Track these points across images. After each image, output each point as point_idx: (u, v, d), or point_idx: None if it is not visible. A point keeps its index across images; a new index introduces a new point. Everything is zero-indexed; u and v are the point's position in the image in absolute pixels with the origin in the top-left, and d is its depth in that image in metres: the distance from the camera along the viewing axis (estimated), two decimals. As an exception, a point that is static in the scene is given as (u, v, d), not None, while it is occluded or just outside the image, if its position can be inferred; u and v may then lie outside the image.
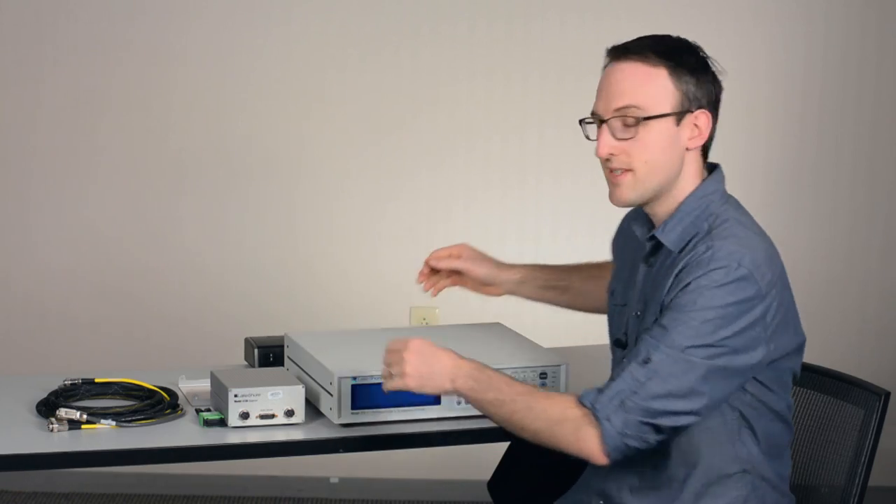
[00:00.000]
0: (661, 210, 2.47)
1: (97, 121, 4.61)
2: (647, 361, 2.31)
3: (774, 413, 2.45)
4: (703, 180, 2.47)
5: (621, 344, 2.55)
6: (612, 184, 2.44)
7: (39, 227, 4.65)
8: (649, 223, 2.52)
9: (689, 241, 2.41)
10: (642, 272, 2.51)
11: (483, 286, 2.96)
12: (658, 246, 2.48)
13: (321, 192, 4.66)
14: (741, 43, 4.61)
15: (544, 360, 2.77)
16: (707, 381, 2.31)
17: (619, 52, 2.41)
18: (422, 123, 4.63)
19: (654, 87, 2.37)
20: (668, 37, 2.44)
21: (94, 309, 4.67)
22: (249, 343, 3.10)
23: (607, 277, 2.75)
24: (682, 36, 2.49)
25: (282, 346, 3.01)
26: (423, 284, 2.95)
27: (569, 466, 2.69)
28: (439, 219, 4.65)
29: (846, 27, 4.60)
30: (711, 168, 2.52)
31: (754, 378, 2.40)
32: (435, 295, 2.95)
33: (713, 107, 2.43)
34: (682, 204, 2.44)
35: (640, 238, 2.53)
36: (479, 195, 4.65)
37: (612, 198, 2.45)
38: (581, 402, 2.35)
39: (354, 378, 2.65)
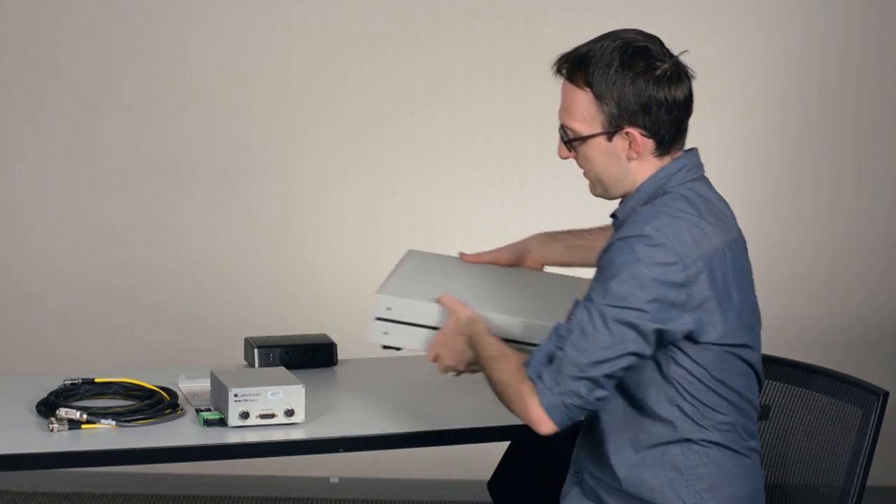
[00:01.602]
0: (626, 194, 2.57)
1: (97, 121, 4.61)
2: (569, 319, 2.43)
3: (719, 399, 2.48)
4: (665, 165, 2.52)
5: None
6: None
7: (39, 227, 4.65)
8: None
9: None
10: None
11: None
12: (621, 224, 2.56)
13: (321, 192, 4.66)
14: (741, 43, 4.61)
15: None
16: (624, 337, 2.38)
17: (557, 68, 2.53)
18: (422, 122, 4.63)
19: (581, 109, 2.50)
20: (606, 46, 2.50)
21: (95, 309, 4.67)
22: (249, 343, 3.10)
23: None
24: (644, 35, 2.54)
25: (282, 346, 3.02)
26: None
27: (568, 466, 2.70)
28: (439, 217, 4.66)
29: (846, 27, 4.60)
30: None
31: (693, 359, 2.44)
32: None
33: (648, 116, 2.47)
34: (641, 185, 2.52)
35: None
36: (478, 194, 4.66)
37: None
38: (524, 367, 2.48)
39: None
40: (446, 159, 4.64)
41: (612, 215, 2.57)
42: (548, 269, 3.01)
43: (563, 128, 2.54)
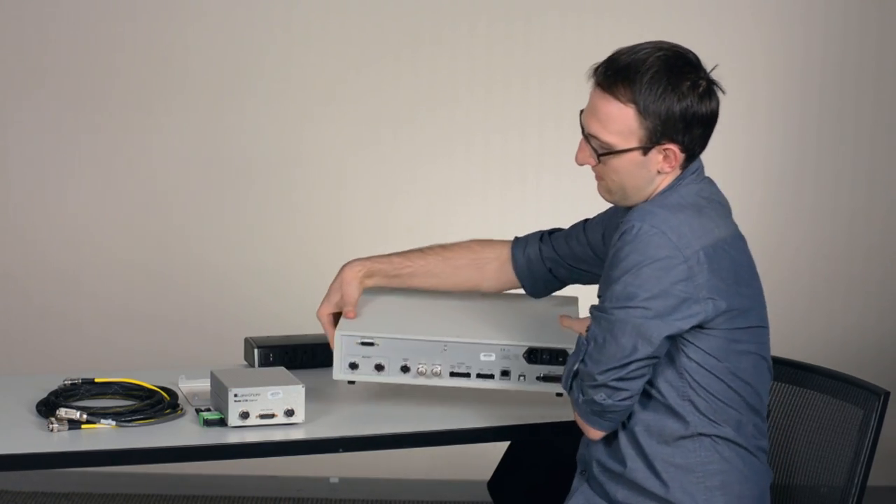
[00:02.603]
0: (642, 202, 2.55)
1: (99, 121, 4.61)
2: (588, 330, 2.47)
3: (724, 385, 2.49)
4: (682, 173, 2.53)
5: None
6: (596, 180, 2.57)
7: (39, 227, 4.65)
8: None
9: None
10: None
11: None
12: None
13: (322, 192, 4.66)
14: (741, 43, 4.61)
15: None
16: (630, 345, 2.40)
17: (598, 79, 2.48)
18: (422, 123, 4.63)
19: (620, 124, 2.45)
20: (649, 59, 2.45)
21: (95, 309, 4.67)
22: (249, 343, 3.10)
23: (459, 257, 2.92)
24: (683, 50, 2.49)
25: (282, 346, 3.02)
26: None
27: (569, 466, 2.70)
28: (439, 217, 4.66)
29: (845, 27, 4.60)
30: None
31: (703, 350, 2.45)
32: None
33: (688, 133, 2.46)
34: (659, 193, 2.52)
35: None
36: (479, 193, 4.66)
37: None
38: None
39: None
40: (447, 160, 4.64)
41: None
42: None
43: (591, 138, 2.50)
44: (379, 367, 2.69)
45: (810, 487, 2.73)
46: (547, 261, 2.88)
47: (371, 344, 2.69)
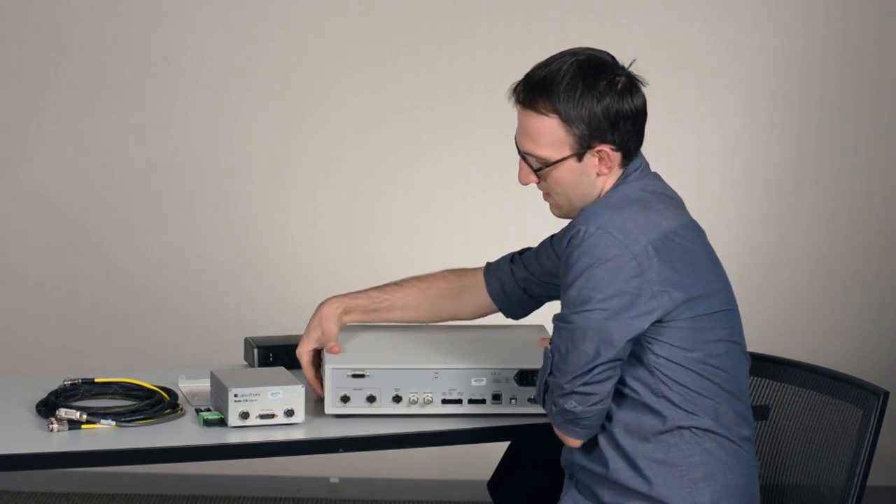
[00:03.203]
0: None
1: (97, 121, 4.61)
2: (551, 342, 2.50)
3: (692, 372, 2.49)
4: (624, 172, 2.56)
5: None
6: (545, 199, 2.63)
7: (39, 227, 4.65)
8: None
9: None
10: None
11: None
12: None
13: (321, 192, 4.66)
14: (741, 43, 4.61)
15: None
16: (592, 350, 2.42)
17: (518, 98, 2.56)
18: (422, 122, 4.63)
19: (548, 137, 2.52)
20: (563, 68, 2.51)
21: (95, 309, 4.67)
22: (249, 343, 3.10)
23: (434, 287, 2.92)
24: (597, 52, 2.53)
25: (282, 346, 3.02)
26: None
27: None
28: (438, 218, 4.66)
29: (845, 27, 4.60)
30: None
31: (669, 343, 2.46)
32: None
33: (617, 131, 2.50)
34: (605, 195, 2.55)
35: None
36: (478, 193, 4.65)
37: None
38: None
39: None
40: (447, 160, 4.64)
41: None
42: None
43: (526, 155, 2.56)
44: (371, 399, 2.70)
45: (810, 487, 2.73)
46: (520, 281, 2.90)
47: (362, 376, 2.70)
